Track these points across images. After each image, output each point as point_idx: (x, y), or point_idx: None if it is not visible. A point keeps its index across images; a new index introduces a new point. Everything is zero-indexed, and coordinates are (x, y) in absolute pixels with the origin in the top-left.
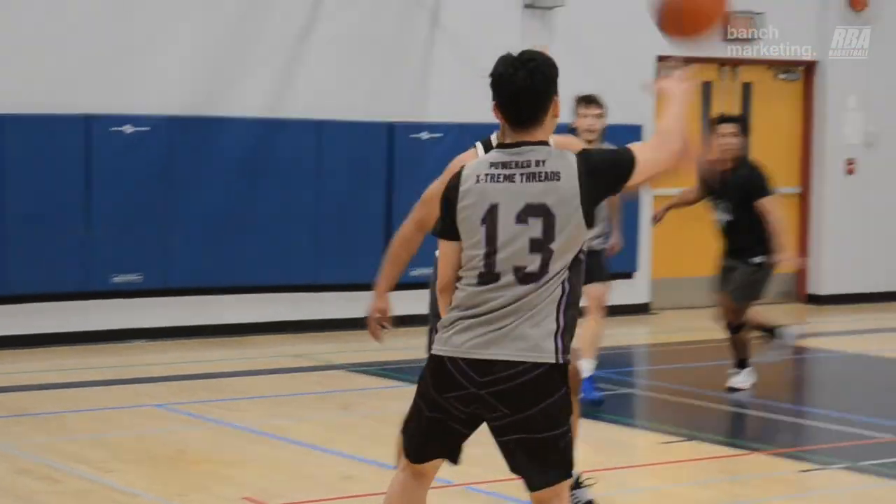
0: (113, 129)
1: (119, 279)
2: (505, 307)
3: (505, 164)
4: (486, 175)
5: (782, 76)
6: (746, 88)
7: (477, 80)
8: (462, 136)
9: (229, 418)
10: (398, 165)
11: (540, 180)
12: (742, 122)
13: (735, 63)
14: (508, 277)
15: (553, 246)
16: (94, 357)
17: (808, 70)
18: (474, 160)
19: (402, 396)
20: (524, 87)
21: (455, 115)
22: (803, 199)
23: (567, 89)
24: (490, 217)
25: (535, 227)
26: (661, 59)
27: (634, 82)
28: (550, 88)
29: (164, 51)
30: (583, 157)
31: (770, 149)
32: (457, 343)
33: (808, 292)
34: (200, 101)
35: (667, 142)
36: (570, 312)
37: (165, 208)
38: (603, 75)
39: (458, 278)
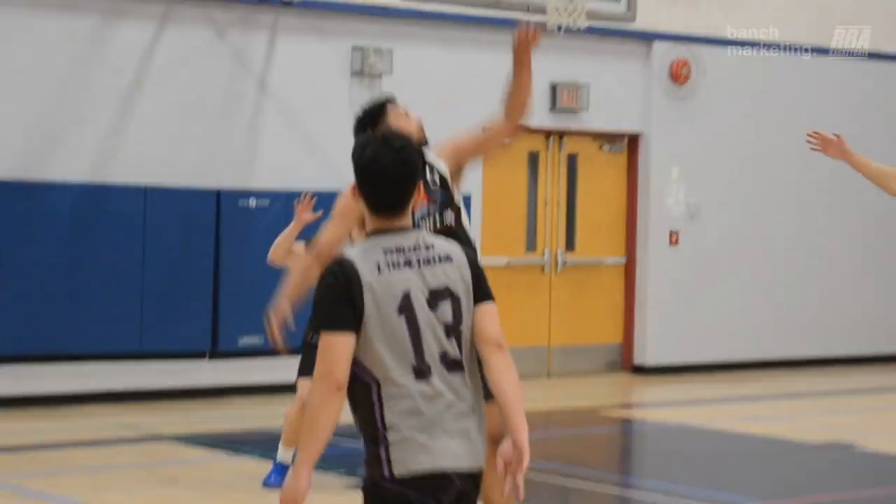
0: None
1: None
2: (442, 403)
3: (399, 250)
4: (387, 263)
5: (607, 147)
6: (572, 159)
7: (305, 148)
8: (289, 203)
9: (53, 491)
10: (226, 232)
11: (436, 263)
12: None
13: (561, 133)
14: (437, 367)
15: (463, 328)
16: None
17: (632, 142)
18: (357, 250)
19: (230, 468)
20: (398, 174)
21: (283, 182)
22: (628, 269)
23: None
24: (406, 305)
25: (446, 311)
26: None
27: None
28: (419, 175)
29: None
30: (469, 253)
31: (596, 219)
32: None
33: (634, 363)
34: (25, 165)
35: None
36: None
37: None
38: (432, 142)
39: (373, 378)
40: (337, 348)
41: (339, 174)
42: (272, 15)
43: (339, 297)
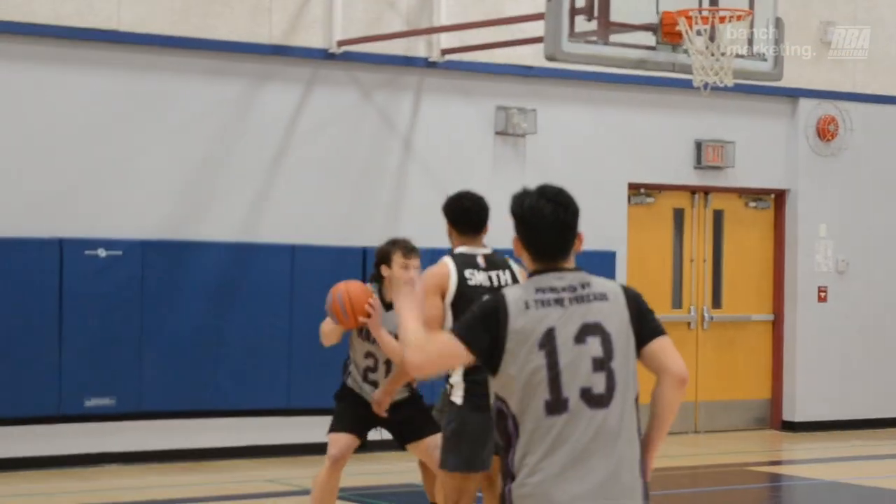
0: (87, 252)
1: (91, 403)
2: (584, 439)
3: (551, 289)
4: (535, 301)
5: (753, 204)
6: (718, 216)
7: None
8: (434, 259)
9: None
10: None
11: (589, 301)
12: None
13: (706, 191)
14: (576, 403)
15: (615, 365)
16: (66, 482)
17: (778, 198)
18: (514, 288)
19: None
20: (558, 221)
21: (429, 240)
22: (776, 326)
23: None
24: (547, 341)
25: (595, 346)
26: (632, 186)
27: (607, 209)
28: (577, 222)
29: (138, 175)
30: (629, 291)
31: (742, 276)
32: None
33: (783, 419)
34: (174, 225)
35: None
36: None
37: (138, 332)
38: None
39: (510, 416)
40: (454, 356)
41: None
42: (417, 76)
43: (480, 322)
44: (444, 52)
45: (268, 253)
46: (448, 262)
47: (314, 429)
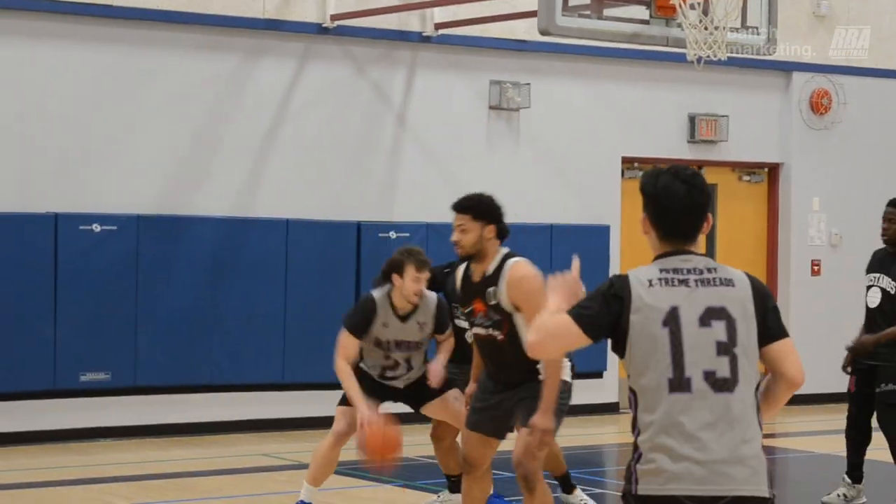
0: (81, 227)
1: (86, 377)
2: (708, 422)
3: (676, 270)
4: (660, 279)
5: (746, 178)
6: (711, 189)
7: (443, 181)
8: (429, 235)
9: None
10: (366, 264)
11: (715, 285)
12: None
13: (700, 164)
14: (700, 384)
15: (738, 351)
16: (62, 456)
17: (771, 172)
18: (639, 269)
19: (372, 496)
20: (691, 203)
21: (422, 214)
22: None
23: (534, 190)
24: (671, 319)
25: (719, 330)
26: (626, 160)
27: (600, 183)
28: (709, 204)
29: (133, 150)
30: (756, 283)
31: (735, 249)
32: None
33: None
34: (168, 200)
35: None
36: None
37: (133, 307)
38: (568, 177)
39: (632, 392)
40: (570, 337)
41: None
42: (411, 51)
43: (601, 302)
44: (438, 26)
45: (262, 227)
46: (527, 260)
47: (308, 403)
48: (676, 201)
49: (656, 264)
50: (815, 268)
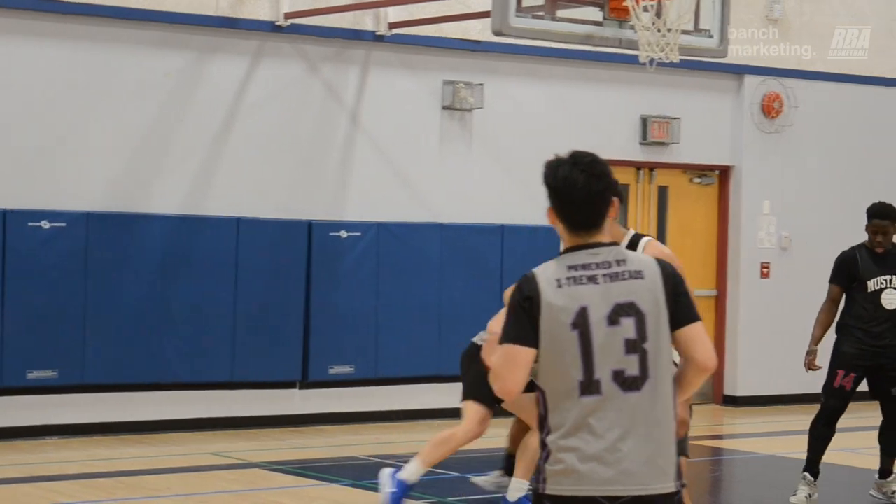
0: (30, 223)
1: (34, 375)
2: (617, 423)
3: (584, 266)
4: (567, 279)
5: (697, 180)
6: (662, 192)
7: (395, 180)
8: (380, 234)
9: None
10: (316, 263)
11: (623, 279)
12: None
13: (651, 166)
14: (609, 385)
15: (648, 346)
16: (9, 454)
17: (722, 174)
18: (547, 266)
19: (321, 495)
20: (591, 191)
21: (374, 213)
22: (719, 301)
23: (486, 190)
24: (580, 321)
25: (628, 327)
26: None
27: None
28: (612, 189)
29: (84, 147)
30: (667, 269)
31: (686, 252)
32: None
33: (724, 394)
34: (119, 198)
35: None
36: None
37: (82, 304)
38: (521, 177)
39: (541, 391)
40: (517, 362)
41: (428, 206)
42: (364, 50)
43: (520, 312)
44: (392, 25)
45: (213, 225)
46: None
47: (258, 402)
48: (577, 191)
49: (564, 260)
50: (765, 270)
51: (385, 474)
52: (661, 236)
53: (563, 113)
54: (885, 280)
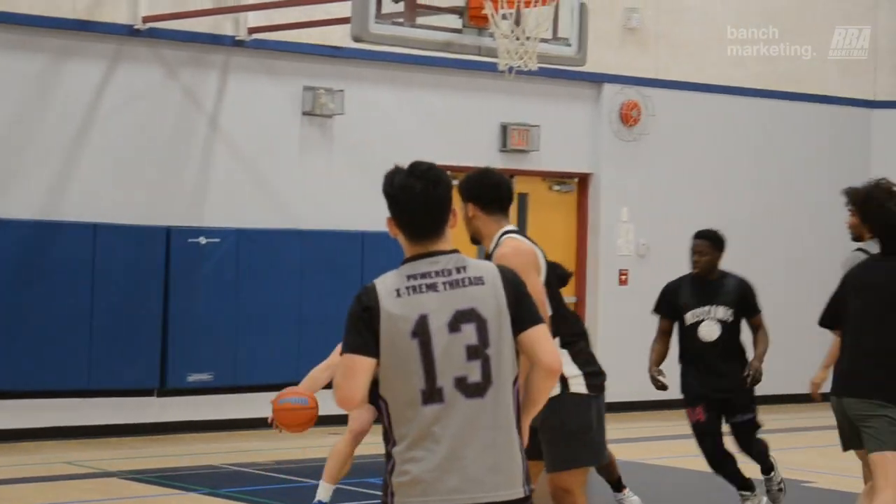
0: None
1: None
2: (460, 430)
3: (424, 275)
4: (407, 288)
5: (557, 187)
6: (522, 199)
7: (255, 186)
8: (240, 240)
9: None
10: (175, 269)
11: (464, 286)
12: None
13: (511, 174)
14: (452, 392)
15: (490, 352)
16: None
17: (581, 182)
18: (386, 276)
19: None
20: (429, 198)
21: (233, 220)
22: (578, 308)
23: (346, 197)
24: (420, 329)
25: (469, 334)
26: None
27: None
28: (451, 197)
29: None
30: (507, 274)
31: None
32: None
33: None
34: None
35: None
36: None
37: None
38: (381, 184)
39: (384, 402)
40: (356, 371)
41: (288, 213)
42: (223, 55)
43: (359, 323)
44: (252, 30)
45: (69, 231)
46: (522, 239)
47: (115, 410)
48: (414, 199)
49: (404, 269)
50: (623, 277)
51: None
52: None
53: (423, 120)
54: (704, 311)
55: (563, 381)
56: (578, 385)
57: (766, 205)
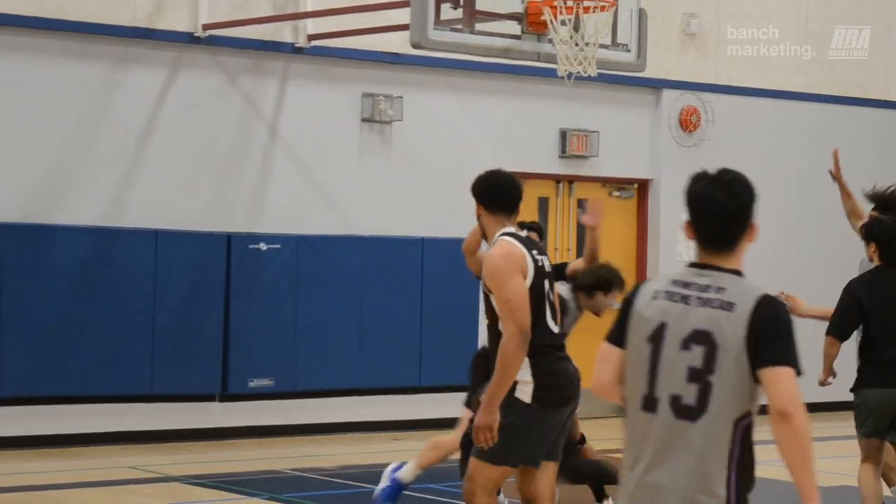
0: None
1: None
2: (661, 447)
3: (686, 284)
4: (665, 292)
5: (616, 193)
6: (582, 205)
7: (314, 192)
8: (300, 247)
9: None
10: (236, 276)
11: (711, 307)
12: None
13: (570, 179)
14: (665, 407)
15: (713, 379)
16: None
17: (641, 188)
18: (664, 274)
19: None
20: (724, 210)
21: (293, 226)
22: None
23: (406, 203)
24: (657, 336)
25: (696, 355)
26: None
27: (472, 197)
28: (750, 213)
29: (0, 155)
30: (762, 310)
31: None
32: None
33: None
34: (35, 209)
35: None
36: (742, 470)
37: None
38: (440, 190)
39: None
40: (605, 357)
41: (348, 219)
42: (283, 61)
43: (620, 313)
44: (311, 37)
45: (131, 238)
46: (514, 242)
47: (177, 415)
48: (711, 209)
49: (677, 273)
50: None
51: (386, 470)
52: (581, 249)
53: (482, 126)
54: None
55: (514, 383)
56: (523, 392)
57: (824, 211)
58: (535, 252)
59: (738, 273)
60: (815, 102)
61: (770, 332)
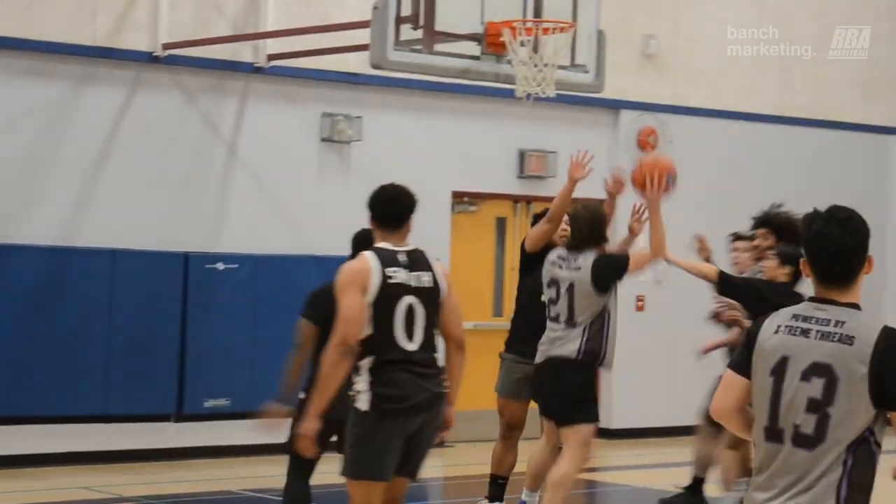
0: None
1: None
2: (782, 474)
3: (806, 318)
4: (786, 326)
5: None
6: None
7: (273, 212)
8: (258, 267)
9: None
10: (193, 296)
11: (832, 341)
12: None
13: (528, 200)
14: (787, 438)
15: (832, 411)
16: None
17: None
18: (786, 309)
19: None
20: (843, 246)
21: (251, 246)
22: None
23: (364, 223)
24: (779, 369)
25: (816, 387)
26: (456, 194)
27: (431, 217)
28: (866, 248)
29: None
30: (886, 338)
31: None
32: None
33: (599, 426)
34: None
35: None
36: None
37: None
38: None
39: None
40: (728, 385)
41: (306, 239)
42: (243, 81)
43: (744, 343)
44: (271, 57)
45: (87, 257)
46: (370, 256)
47: (132, 435)
48: (828, 248)
49: (797, 308)
50: (640, 303)
51: None
52: None
53: (441, 146)
54: None
55: (357, 393)
56: (361, 401)
57: None
58: (392, 268)
59: (856, 307)
60: (771, 124)
61: (893, 369)
